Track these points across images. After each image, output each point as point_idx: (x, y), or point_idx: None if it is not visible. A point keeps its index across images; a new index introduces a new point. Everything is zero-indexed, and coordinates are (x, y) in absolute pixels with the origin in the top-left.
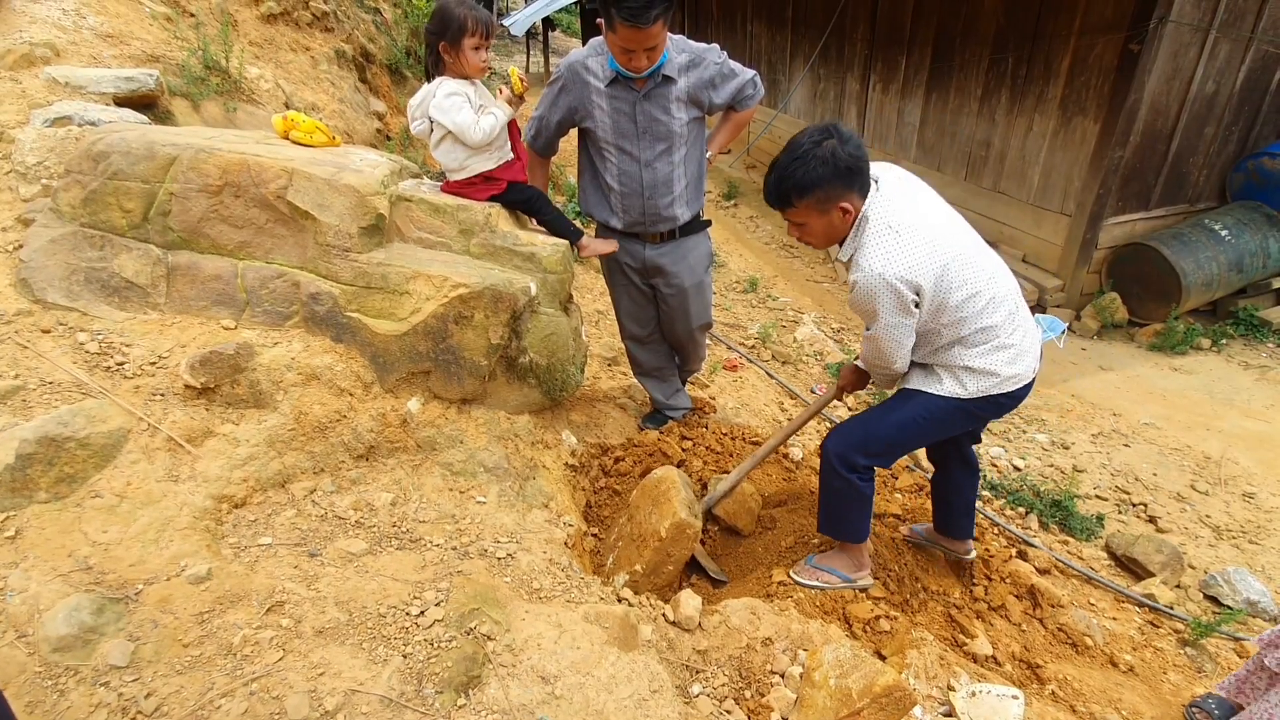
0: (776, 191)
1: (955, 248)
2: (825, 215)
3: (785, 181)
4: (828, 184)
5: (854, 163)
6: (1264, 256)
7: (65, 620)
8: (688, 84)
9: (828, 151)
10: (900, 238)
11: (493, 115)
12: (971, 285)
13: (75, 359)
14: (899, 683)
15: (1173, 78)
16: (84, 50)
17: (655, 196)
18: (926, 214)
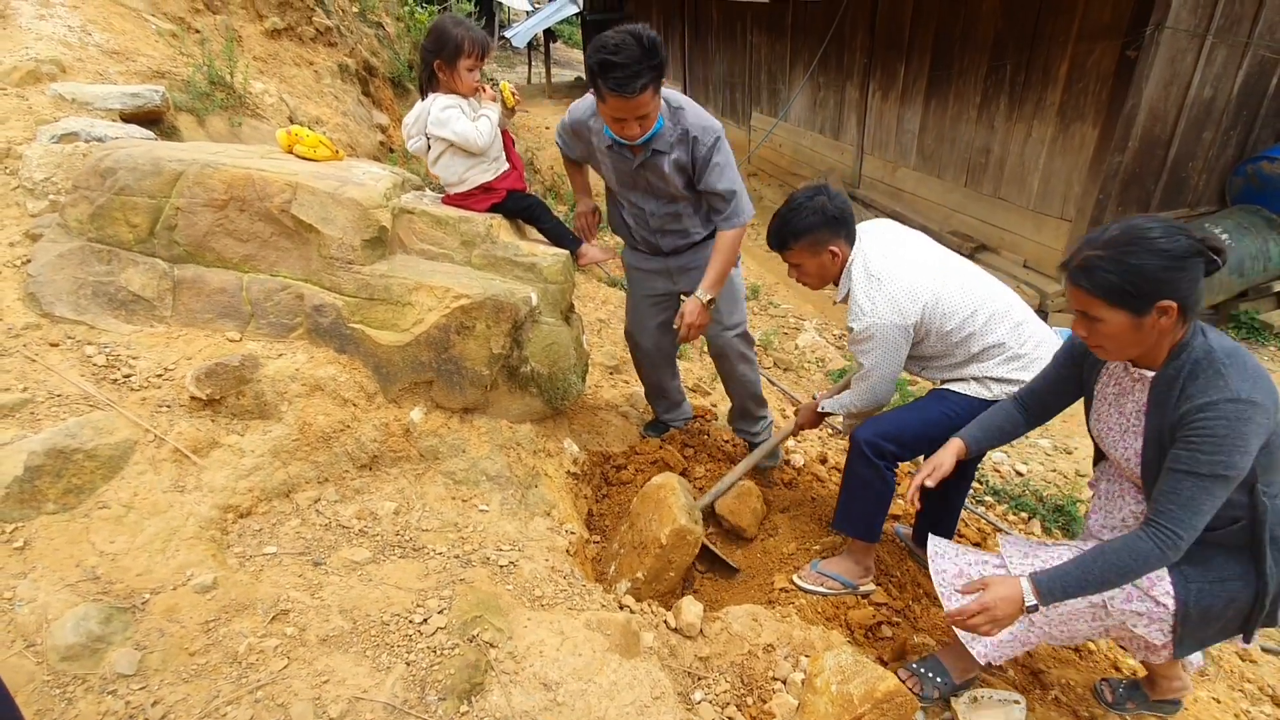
0: (777, 236)
1: (936, 283)
2: (817, 257)
3: (784, 228)
4: (818, 230)
5: (839, 213)
6: (1264, 260)
7: (73, 629)
8: (677, 157)
9: (819, 204)
10: (882, 285)
11: (486, 117)
12: (965, 309)
13: (83, 372)
14: (900, 689)
15: (1170, 83)
16: (90, 67)
17: (666, 231)
18: (906, 257)
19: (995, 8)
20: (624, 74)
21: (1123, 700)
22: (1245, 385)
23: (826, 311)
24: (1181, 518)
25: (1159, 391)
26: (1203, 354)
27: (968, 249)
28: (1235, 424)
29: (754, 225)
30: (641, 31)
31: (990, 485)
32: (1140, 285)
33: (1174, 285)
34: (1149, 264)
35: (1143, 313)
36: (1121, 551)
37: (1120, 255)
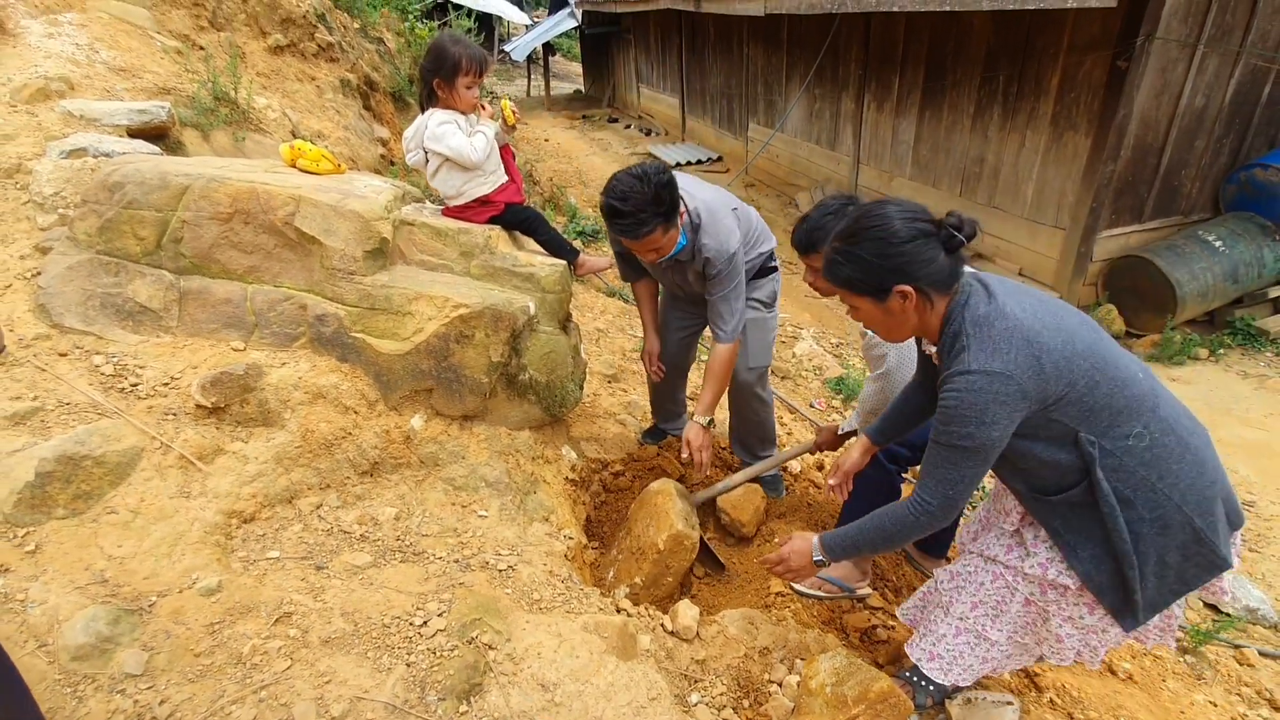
0: (807, 237)
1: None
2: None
3: (816, 231)
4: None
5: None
6: (1259, 266)
7: (83, 630)
8: (698, 268)
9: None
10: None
11: (482, 134)
12: None
13: (91, 381)
14: (893, 689)
15: (1161, 93)
16: (97, 84)
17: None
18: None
19: (987, 22)
20: (629, 222)
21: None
22: (982, 356)
23: (824, 320)
24: (930, 486)
25: (939, 360)
26: (958, 327)
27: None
28: (966, 395)
29: None
30: (651, 175)
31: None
32: (869, 275)
33: (903, 271)
34: (871, 255)
35: (883, 299)
36: (884, 517)
37: (847, 249)
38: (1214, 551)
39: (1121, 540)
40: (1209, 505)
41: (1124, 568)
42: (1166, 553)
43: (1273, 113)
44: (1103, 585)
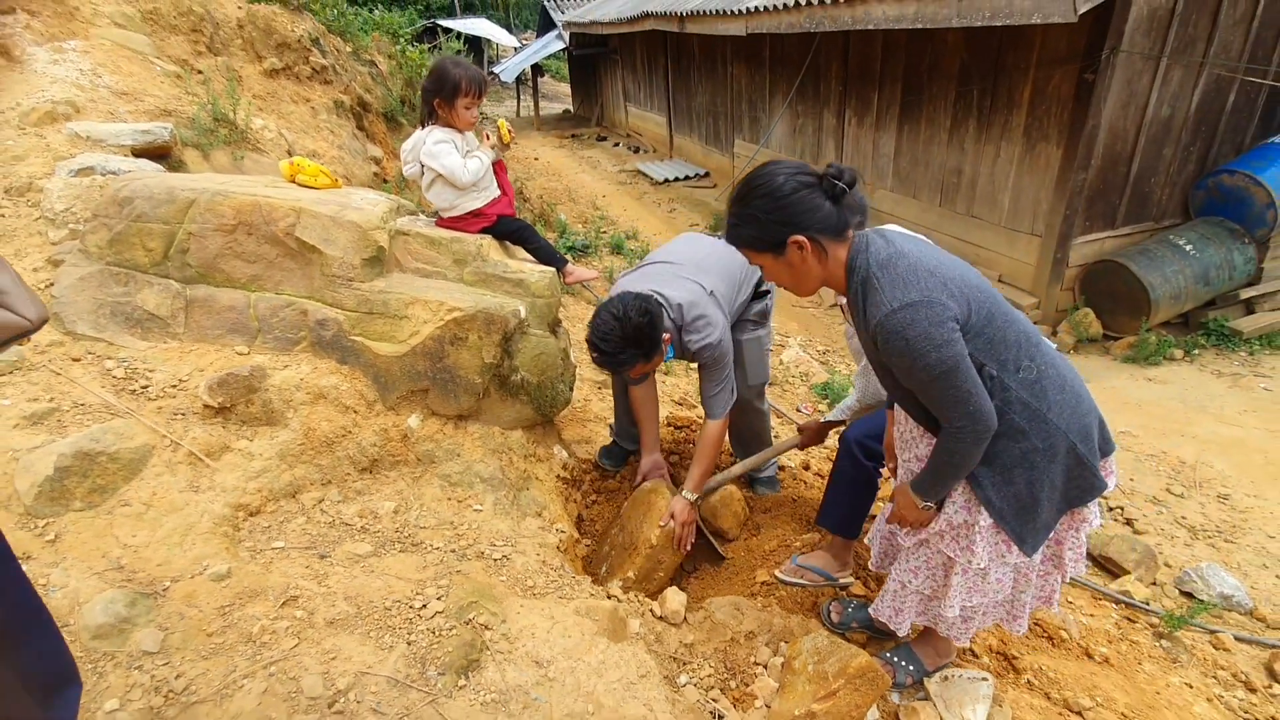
0: None
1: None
2: None
3: None
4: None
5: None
6: (1229, 269)
7: (103, 611)
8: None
9: None
10: None
11: (478, 159)
12: None
13: (103, 384)
14: (871, 664)
15: (1128, 103)
16: (102, 107)
17: None
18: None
19: (959, 40)
20: (608, 360)
21: (849, 620)
22: (897, 293)
23: (810, 329)
24: (950, 414)
25: (854, 315)
26: (864, 273)
27: None
28: (906, 331)
29: None
30: (631, 315)
31: None
32: (764, 231)
33: (793, 222)
34: (761, 211)
35: (780, 253)
36: (941, 447)
37: (741, 210)
38: (1094, 474)
39: (1027, 468)
40: (1087, 432)
41: (1025, 493)
42: (1055, 477)
43: (1237, 120)
44: (1004, 511)
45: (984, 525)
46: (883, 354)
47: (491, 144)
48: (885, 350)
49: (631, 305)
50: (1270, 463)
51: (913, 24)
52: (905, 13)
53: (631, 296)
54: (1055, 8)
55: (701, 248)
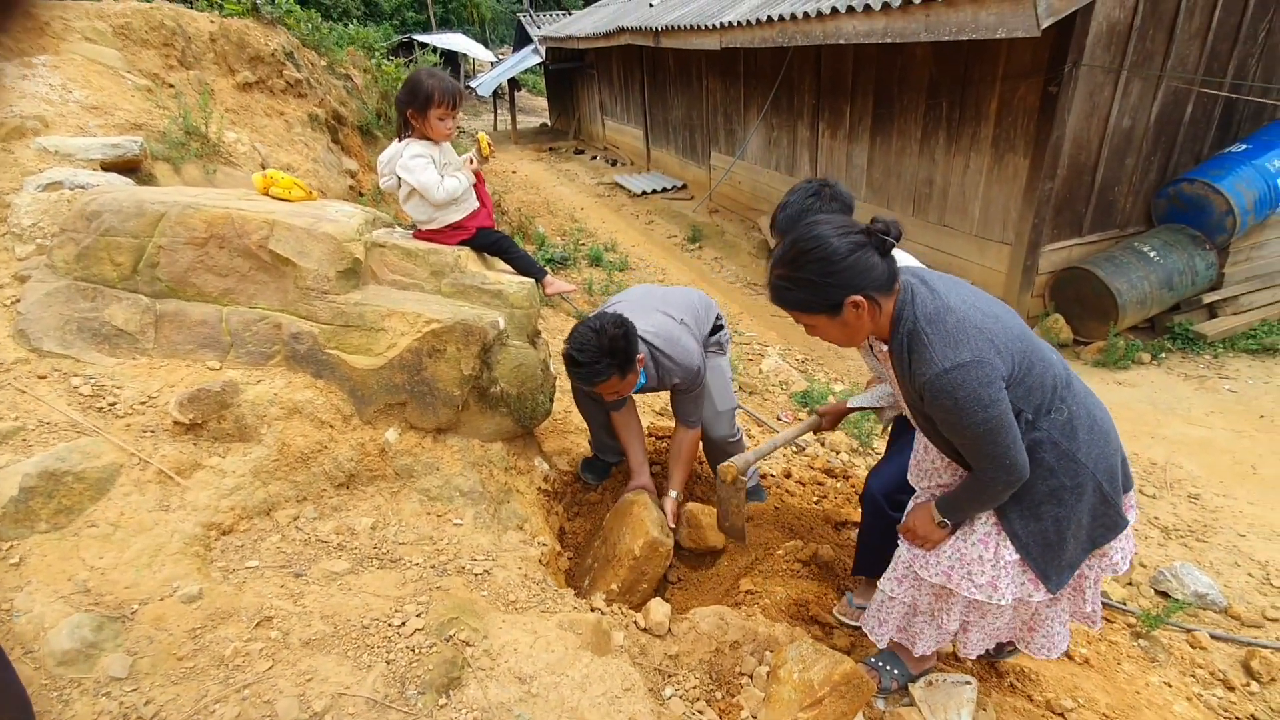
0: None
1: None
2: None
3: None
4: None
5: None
6: (1191, 274)
7: (68, 636)
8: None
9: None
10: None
11: (456, 179)
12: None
13: (70, 401)
14: (857, 670)
15: (1091, 115)
16: (71, 121)
17: None
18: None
19: (928, 54)
20: (586, 371)
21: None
22: (950, 352)
23: (789, 338)
24: (986, 466)
25: (896, 362)
26: (911, 326)
27: None
28: (958, 392)
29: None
30: (608, 329)
31: None
32: (820, 295)
33: (850, 283)
34: (819, 276)
35: (837, 314)
36: (974, 483)
37: (793, 274)
38: (1117, 511)
39: (1054, 505)
40: (1113, 471)
41: (1052, 530)
42: (1081, 515)
43: (1195, 130)
44: (1030, 547)
45: (1009, 560)
46: (928, 407)
47: (474, 165)
48: (932, 405)
49: (609, 320)
50: (1238, 463)
51: (882, 38)
52: (875, 27)
53: (609, 314)
54: (1019, 23)
55: (657, 292)
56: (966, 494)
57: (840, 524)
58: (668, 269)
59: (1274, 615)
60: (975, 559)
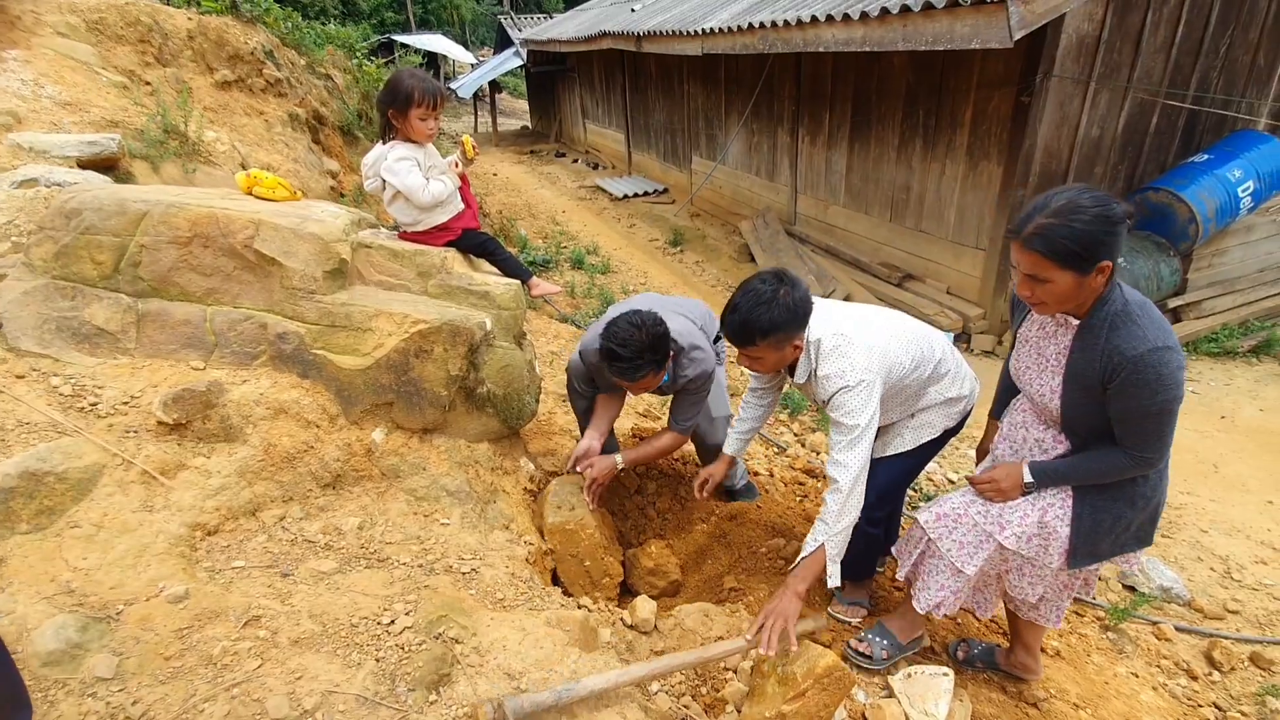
0: (743, 331)
1: (885, 331)
2: (780, 351)
3: (752, 324)
4: (788, 326)
5: (803, 306)
6: (1157, 279)
7: (53, 636)
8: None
9: (785, 300)
10: (852, 342)
11: (441, 183)
12: (911, 346)
13: (50, 401)
14: (838, 663)
15: (1061, 124)
16: (45, 117)
17: None
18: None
19: (905, 62)
20: (627, 366)
21: (974, 659)
22: (1160, 334)
23: None
24: (1152, 447)
25: (1084, 338)
26: (1120, 307)
27: (896, 278)
28: (1164, 367)
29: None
30: (648, 324)
31: (924, 493)
32: (1088, 248)
33: (1111, 247)
34: (1095, 229)
35: (1086, 272)
36: (1103, 459)
37: (1070, 221)
38: (1154, 528)
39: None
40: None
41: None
42: (1133, 523)
43: (1160, 141)
44: (1081, 528)
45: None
46: (1118, 379)
47: (459, 168)
48: (1128, 379)
49: (647, 316)
50: (1200, 461)
51: (860, 47)
52: (854, 36)
53: (646, 312)
54: (992, 34)
55: (669, 299)
56: (1086, 468)
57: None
58: (649, 272)
59: (1235, 608)
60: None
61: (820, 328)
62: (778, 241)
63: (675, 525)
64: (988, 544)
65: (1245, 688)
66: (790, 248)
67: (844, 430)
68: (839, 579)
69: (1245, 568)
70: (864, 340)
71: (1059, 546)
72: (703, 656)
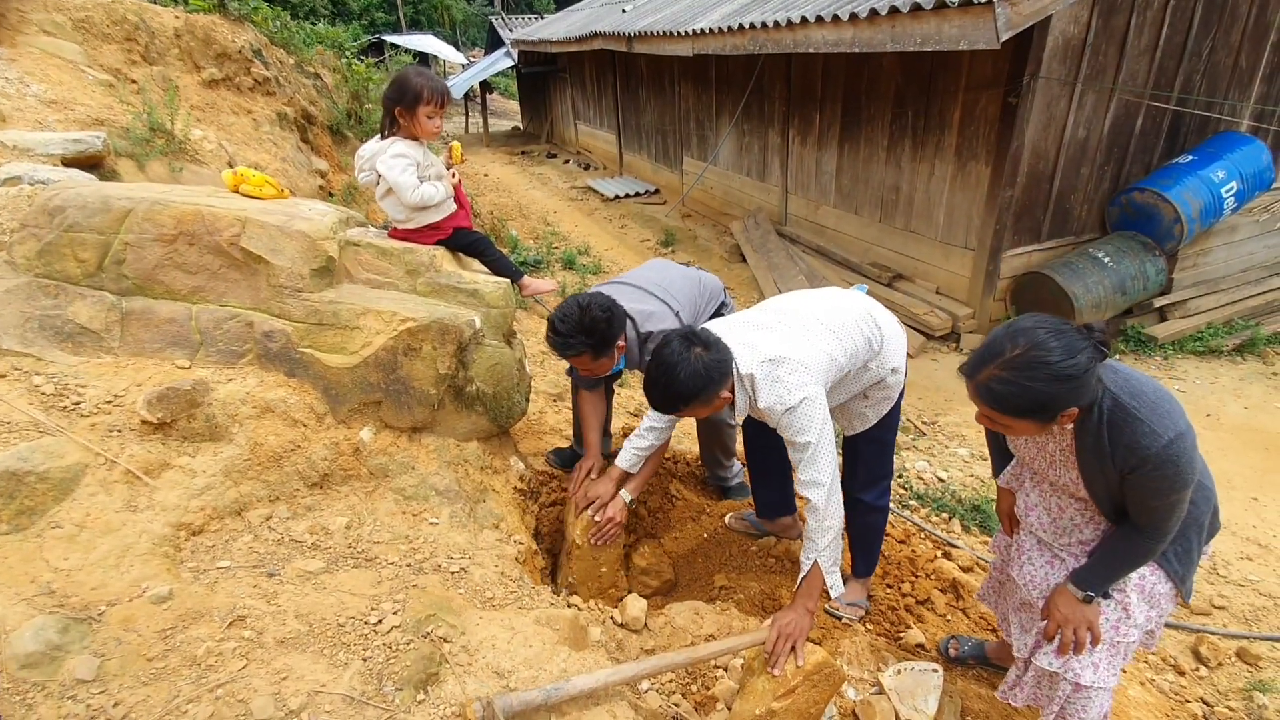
0: (667, 403)
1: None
2: (711, 405)
3: (674, 395)
4: (711, 386)
5: (723, 367)
6: (1143, 279)
7: (32, 638)
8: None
9: (699, 363)
10: (786, 362)
11: (434, 187)
12: (846, 335)
13: (31, 400)
14: (828, 660)
15: (1048, 126)
16: (29, 116)
17: None
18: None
19: (894, 64)
20: (560, 341)
21: (965, 656)
22: (1166, 424)
23: None
24: (1169, 525)
25: (1084, 441)
26: (1111, 404)
27: (886, 278)
28: (1180, 459)
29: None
30: (592, 308)
31: (914, 490)
32: (1045, 405)
33: (1076, 398)
34: (1052, 389)
35: (1049, 422)
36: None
37: (1023, 379)
38: (1218, 519)
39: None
40: (1214, 486)
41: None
42: (1205, 529)
43: (1145, 142)
44: (1179, 572)
45: (1162, 592)
46: (1139, 475)
47: (453, 174)
48: (1149, 474)
49: (597, 301)
50: None
51: (850, 48)
52: (843, 37)
53: (602, 295)
54: (980, 35)
55: (672, 272)
56: (1124, 558)
57: None
58: None
59: (1221, 603)
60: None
61: (749, 361)
62: (769, 242)
63: (666, 524)
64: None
65: (1232, 683)
66: (781, 248)
67: (799, 449)
68: (842, 585)
69: (1231, 564)
70: (796, 357)
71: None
72: (692, 657)
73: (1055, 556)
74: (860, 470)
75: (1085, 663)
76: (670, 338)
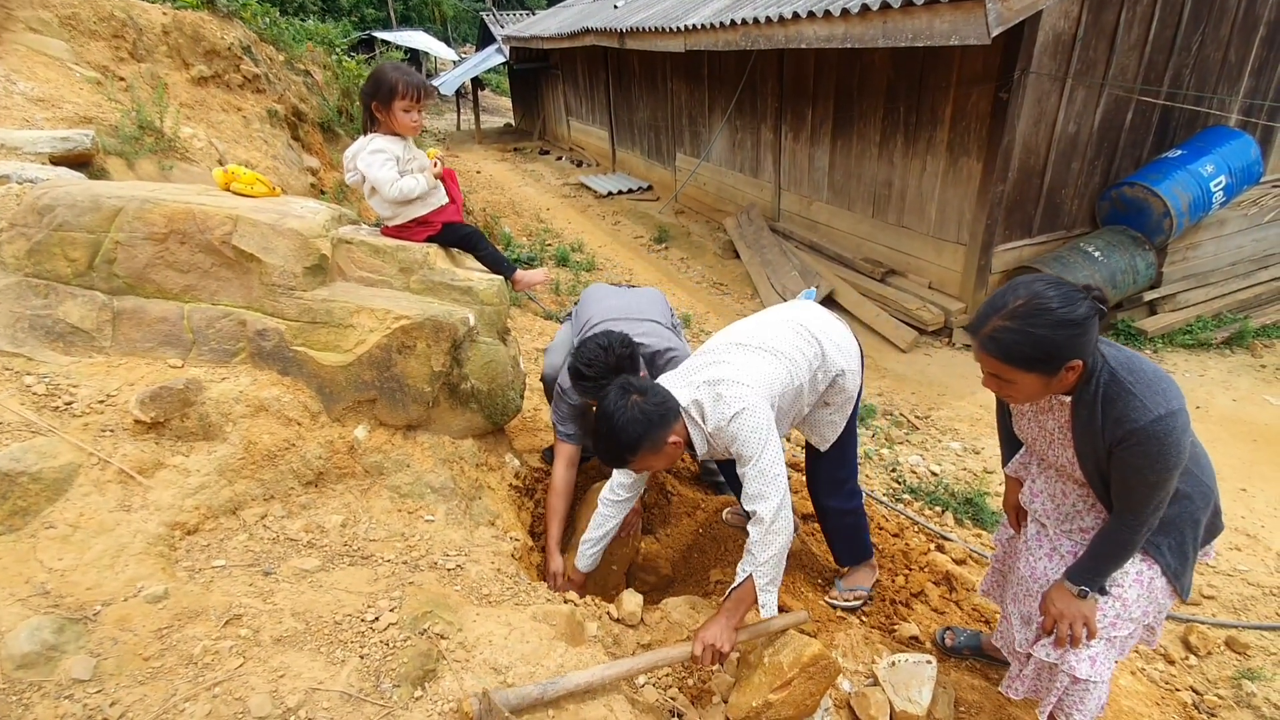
0: (614, 458)
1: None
2: (660, 452)
3: (620, 448)
4: (652, 433)
5: (663, 409)
6: (1133, 273)
7: (28, 639)
8: None
9: (637, 411)
10: (724, 384)
11: (415, 180)
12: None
13: (23, 400)
14: (824, 652)
15: (1039, 121)
16: (16, 114)
17: None
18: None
19: (886, 59)
20: (591, 386)
21: (960, 648)
22: (1158, 400)
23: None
24: (1147, 510)
25: (1079, 414)
26: (1108, 377)
27: (879, 274)
28: (1167, 437)
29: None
30: (614, 347)
31: (907, 485)
32: (1050, 353)
33: (1078, 347)
34: (1056, 335)
35: (1053, 374)
36: (1111, 543)
37: (1027, 327)
38: (1219, 519)
39: (1192, 526)
40: (1215, 485)
41: (1190, 545)
42: (1202, 526)
43: (1135, 137)
44: (1176, 568)
45: (1160, 586)
46: (1124, 452)
47: (437, 171)
48: (1134, 448)
49: (615, 338)
50: None
51: (842, 44)
52: (835, 33)
53: (614, 333)
54: (971, 31)
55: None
56: (1109, 550)
57: (804, 516)
58: (634, 269)
59: (1210, 593)
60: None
61: (689, 391)
62: (762, 238)
63: (662, 519)
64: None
65: (1221, 671)
66: (774, 244)
67: (745, 461)
68: (775, 608)
69: (1220, 554)
70: (732, 376)
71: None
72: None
73: (1054, 550)
74: (822, 475)
75: (1082, 656)
76: (607, 390)
